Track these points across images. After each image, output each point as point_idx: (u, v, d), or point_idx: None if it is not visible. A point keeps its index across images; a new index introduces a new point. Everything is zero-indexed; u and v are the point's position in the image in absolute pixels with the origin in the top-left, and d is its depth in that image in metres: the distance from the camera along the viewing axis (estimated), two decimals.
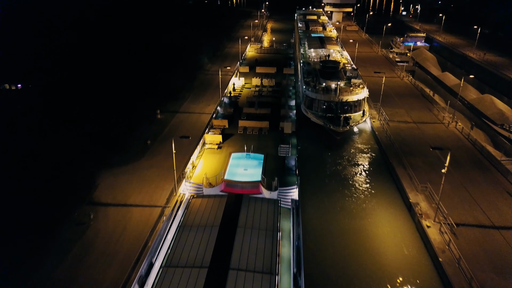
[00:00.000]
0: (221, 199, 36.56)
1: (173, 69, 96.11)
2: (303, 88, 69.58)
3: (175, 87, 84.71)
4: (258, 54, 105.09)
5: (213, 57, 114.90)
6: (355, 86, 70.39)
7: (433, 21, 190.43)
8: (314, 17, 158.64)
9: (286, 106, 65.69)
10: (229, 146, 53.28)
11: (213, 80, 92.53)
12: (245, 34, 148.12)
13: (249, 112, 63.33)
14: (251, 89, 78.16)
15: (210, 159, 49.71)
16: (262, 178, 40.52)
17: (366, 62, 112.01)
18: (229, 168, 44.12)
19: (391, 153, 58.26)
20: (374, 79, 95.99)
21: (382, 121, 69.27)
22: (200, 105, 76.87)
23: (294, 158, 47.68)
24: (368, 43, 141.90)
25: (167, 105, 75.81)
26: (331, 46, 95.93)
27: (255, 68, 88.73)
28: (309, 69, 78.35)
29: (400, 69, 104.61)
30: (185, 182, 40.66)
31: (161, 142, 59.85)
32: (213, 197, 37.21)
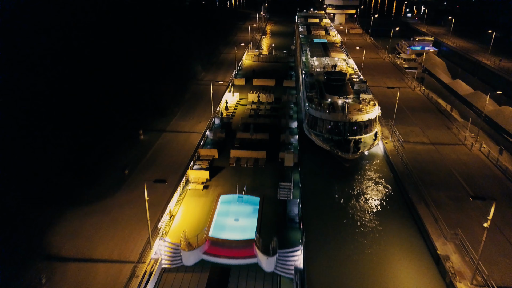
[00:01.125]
0: (201, 275, 28.35)
1: (162, 78, 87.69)
2: (306, 106, 61.25)
3: (163, 100, 76.31)
4: (255, 63, 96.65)
5: (207, 65, 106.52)
6: (365, 102, 62.04)
7: (440, 24, 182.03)
8: (316, 20, 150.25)
9: (287, 131, 57.14)
10: (218, 184, 44.51)
11: (207, 92, 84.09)
12: (242, 38, 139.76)
13: (243, 137, 54.75)
14: (247, 107, 69.75)
15: (193, 205, 40.77)
16: (257, 237, 32.16)
17: (372, 70, 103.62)
18: (216, 218, 35.72)
19: (409, 185, 49.88)
20: (382, 90, 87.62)
21: (395, 142, 60.89)
22: (190, 122, 68.53)
23: (297, 203, 39.07)
24: (374, 48, 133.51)
25: (153, 123, 67.47)
26: (335, 53, 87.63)
27: (251, 80, 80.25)
28: (311, 82, 70.00)
29: (410, 78, 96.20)
30: (159, 241, 32.36)
31: (141, 171, 51.48)
32: (192, 271, 28.92)
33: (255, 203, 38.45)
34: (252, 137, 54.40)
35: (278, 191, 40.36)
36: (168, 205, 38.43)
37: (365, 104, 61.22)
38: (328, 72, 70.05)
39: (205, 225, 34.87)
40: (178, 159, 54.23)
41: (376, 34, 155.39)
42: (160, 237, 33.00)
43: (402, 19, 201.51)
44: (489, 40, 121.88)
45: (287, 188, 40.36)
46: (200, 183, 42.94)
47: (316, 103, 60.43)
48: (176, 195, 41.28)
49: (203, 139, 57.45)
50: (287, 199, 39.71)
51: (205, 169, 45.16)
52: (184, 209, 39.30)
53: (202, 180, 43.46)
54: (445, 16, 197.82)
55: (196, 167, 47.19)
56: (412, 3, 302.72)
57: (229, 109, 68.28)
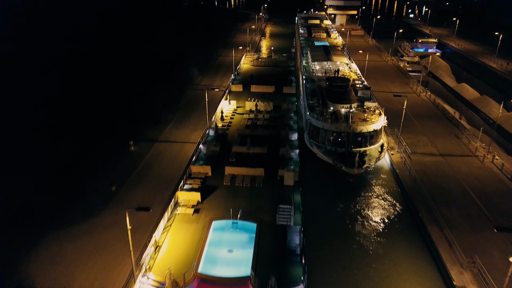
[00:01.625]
0: None
1: (157, 83, 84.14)
2: (307, 115, 57.57)
3: (157, 106, 72.70)
4: (254, 67, 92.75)
5: (205, 68, 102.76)
6: (370, 111, 58.35)
7: (443, 25, 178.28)
8: (316, 21, 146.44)
9: (287, 146, 53.29)
10: (210, 208, 40.37)
11: (203, 97, 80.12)
12: (241, 40, 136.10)
13: (239, 151, 50.98)
14: (244, 116, 65.84)
15: (182, 233, 36.68)
16: (252, 275, 28.47)
17: (375, 73, 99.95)
18: (207, 249, 31.97)
19: (419, 202, 46.20)
20: (386, 95, 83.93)
21: (402, 153, 57.21)
22: (184, 131, 64.82)
23: (298, 230, 35.19)
24: (376, 50, 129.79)
25: (145, 132, 63.76)
26: (337, 57, 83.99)
27: (249, 87, 76.42)
28: (313, 88, 66.32)
29: (415, 83, 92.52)
30: (141, 278, 28.69)
31: (130, 187, 47.75)
32: None
33: (251, 230, 34.72)
34: (249, 151, 50.60)
35: (277, 216, 36.53)
36: (153, 235, 34.53)
37: (370, 113, 57.55)
38: (330, 78, 66.38)
39: (194, 257, 31.08)
40: (170, 173, 50.55)
41: (378, 35, 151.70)
42: (143, 273, 29.34)
43: (404, 20, 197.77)
44: (495, 42, 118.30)
45: (287, 211, 36.65)
46: (190, 206, 39.01)
47: (318, 112, 56.76)
48: (163, 221, 37.48)
49: (196, 154, 53.51)
50: (287, 224, 35.94)
51: (196, 190, 41.33)
52: (172, 238, 35.50)
53: (192, 202, 39.57)
54: (447, 17, 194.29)
55: (187, 186, 43.29)
56: (413, 4, 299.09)
57: (224, 119, 64.49)
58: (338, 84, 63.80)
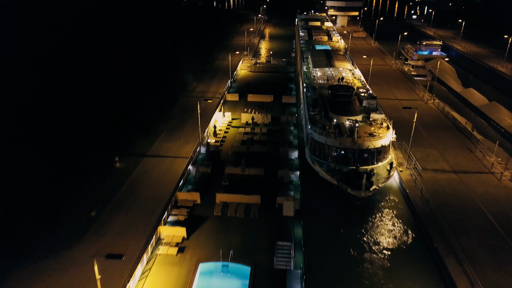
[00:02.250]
0: None
1: (149, 90, 79.35)
2: (308, 128, 52.80)
3: (148, 116, 67.89)
4: (251, 73, 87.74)
5: (200, 73, 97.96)
6: (377, 124, 53.59)
7: (447, 26, 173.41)
8: (317, 23, 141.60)
9: (286, 168, 48.06)
10: (197, 246, 35.09)
11: (197, 105, 75.83)
12: (239, 43, 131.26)
13: (233, 172, 46.02)
14: (239, 130, 60.76)
15: (164, 279, 31.36)
16: None
17: (379, 79, 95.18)
18: None
19: (433, 229, 41.48)
20: (392, 103, 79.22)
21: (412, 170, 52.43)
22: (176, 143, 60.09)
23: (299, 276, 30.24)
24: (379, 53, 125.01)
25: (134, 145, 59.03)
26: (340, 62, 79.25)
27: (246, 96, 71.52)
28: (314, 97, 61.54)
29: (422, 89, 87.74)
30: None
31: (111, 212, 42.97)
32: None
33: (244, 275, 29.93)
34: (243, 173, 45.62)
35: (275, 259, 31.52)
36: (127, 285, 29.63)
37: (376, 127, 52.79)
38: (332, 87, 61.62)
39: None
40: (155, 196, 45.76)
41: (380, 37, 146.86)
42: None
43: (407, 21, 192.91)
44: (502, 45, 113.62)
45: (287, 250, 31.80)
46: (174, 245, 33.93)
47: (320, 126, 51.99)
48: (142, 264, 32.25)
49: (184, 176, 47.89)
50: (286, 268, 31.12)
51: (182, 223, 36.40)
52: (151, 286, 30.36)
53: (177, 239, 34.54)
54: (451, 18, 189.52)
55: (171, 218, 38.29)
56: (415, 4, 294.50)
57: (218, 134, 59.46)
58: (342, 93, 59.08)
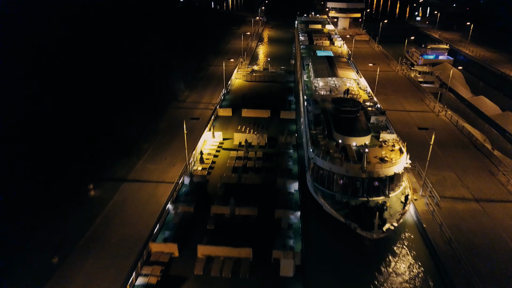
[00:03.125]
0: None
1: (133, 101, 72.63)
2: (309, 151, 46.22)
3: (131, 132, 61.24)
4: (247, 83, 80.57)
5: (193, 81, 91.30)
6: (388, 146, 47.04)
7: (453, 28, 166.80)
8: (318, 26, 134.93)
9: (285, 209, 40.72)
10: None
11: (191, 115, 69.20)
12: (236, 47, 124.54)
13: (221, 212, 39.07)
14: (231, 155, 53.33)
15: None
16: None
17: (385, 87, 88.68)
18: None
19: (457, 276, 34.97)
20: (400, 115, 72.73)
21: (428, 198, 45.88)
22: (161, 164, 53.58)
23: None
24: (384, 59, 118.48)
25: (113, 167, 52.46)
26: (343, 71, 72.62)
27: (240, 110, 64.56)
28: (316, 113, 54.93)
29: (432, 99, 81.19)
30: None
31: (77, 257, 36.41)
32: None
33: None
34: (233, 213, 38.56)
35: None
36: None
37: (387, 149, 46.23)
38: (336, 100, 55.04)
39: None
40: (134, 231, 39.39)
41: (383, 40, 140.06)
42: None
43: (410, 23, 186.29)
44: None
45: None
46: None
47: (323, 148, 45.41)
48: None
49: (161, 220, 39.87)
50: None
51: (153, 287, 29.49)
52: None
53: None
54: (457, 19, 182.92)
55: (140, 281, 31.13)
56: (417, 5, 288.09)
57: (206, 160, 51.86)
58: (347, 108, 52.51)
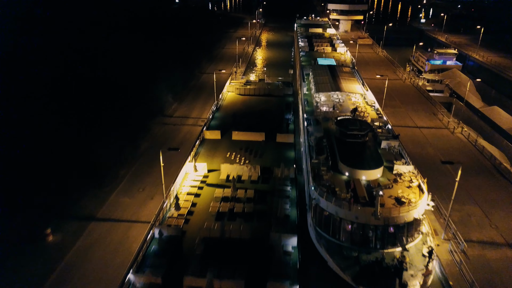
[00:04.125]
0: None
1: (114, 118, 65.07)
2: (311, 189, 38.64)
3: (105, 157, 53.58)
4: (240, 97, 71.81)
5: (183, 91, 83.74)
6: (404, 181, 39.47)
7: (460, 31, 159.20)
8: (318, 30, 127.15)
9: (279, 270, 31.57)
10: None
11: (174, 137, 61.66)
12: (230, 52, 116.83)
13: (196, 286, 29.44)
14: (215, 194, 42.34)
15: None
16: None
17: (392, 98, 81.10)
18: None
19: None
20: (411, 131, 65.23)
21: (452, 244, 38.27)
22: (137, 197, 46.07)
23: None
24: (389, 65, 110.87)
25: (80, 201, 44.87)
26: (348, 83, 64.95)
27: (230, 133, 55.34)
28: (318, 136, 47.21)
29: (445, 113, 73.56)
30: None
31: None
32: None
33: None
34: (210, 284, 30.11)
35: None
36: None
37: (404, 186, 38.68)
38: (341, 122, 47.46)
39: None
40: None
41: (387, 43, 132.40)
42: None
43: (415, 25, 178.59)
44: None
45: None
46: None
47: (327, 186, 37.83)
48: None
49: None
50: None
51: None
52: None
53: None
54: (463, 22, 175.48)
55: None
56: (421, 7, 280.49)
57: (184, 204, 40.49)
58: (354, 132, 44.96)
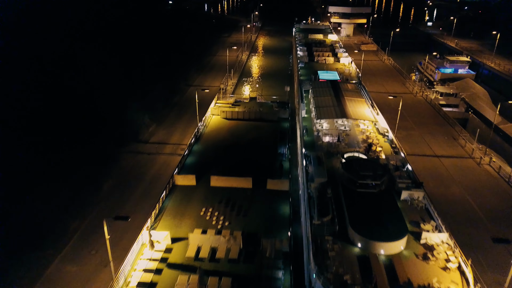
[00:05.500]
0: None
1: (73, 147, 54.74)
2: (312, 274, 28.40)
3: (52, 206, 43.15)
4: (226, 123, 54.60)
5: (163, 109, 73.40)
6: (437, 259, 29.22)
7: (469, 35, 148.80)
8: (319, 36, 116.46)
9: None
10: None
11: (146, 169, 51.52)
12: (222, 60, 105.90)
13: None
14: (176, 285, 26.76)
15: None
16: None
17: (404, 118, 70.52)
18: None
19: None
20: (429, 161, 55.01)
21: None
22: (87, 264, 35.83)
23: None
24: (396, 75, 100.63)
25: (16, 271, 34.70)
26: (355, 105, 54.49)
27: (208, 178, 39.39)
28: (320, 181, 36.86)
29: (467, 137, 63.29)
30: None
31: None
32: None
33: None
34: None
35: None
36: None
37: (437, 266, 28.44)
38: (350, 165, 37.22)
39: None
40: None
41: (391, 48, 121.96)
42: None
43: (421, 28, 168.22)
44: None
45: None
46: None
47: (334, 269, 27.63)
48: None
49: None
50: None
51: None
52: None
53: None
54: (472, 24, 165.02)
55: None
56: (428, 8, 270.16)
57: None
58: (367, 182, 34.76)
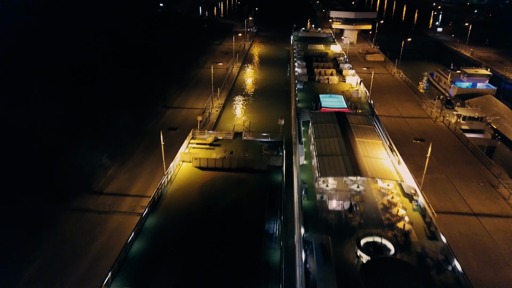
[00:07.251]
0: None
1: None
2: None
3: None
4: (199, 175, 39.06)
5: (131, 142, 59.96)
6: None
7: (484, 42, 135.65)
8: (320, 46, 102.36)
9: None
10: None
11: (99, 230, 38.14)
12: (208, 75, 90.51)
13: None
14: None
15: None
16: None
17: (423, 152, 57.21)
18: None
19: None
20: (465, 222, 41.82)
21: None
22: None
23: None
24: (409, 93, 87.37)
25: None
26: (368, 149, 41.22)
27: None
28: None
29: (509, 185, 49.95)
30: None
31: None
32: None
33: None
34: None
35: None
36: None
37: None
38: (371, 271, 23.86)
39: None
40: None
41: (394, 55, 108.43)
42: None
43: (430, 34, 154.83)
44: None
45: None
46: None
47: None
48: None
49: None
50: None
51: None
52: None
53: None
54: (485, 31, 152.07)
55: None
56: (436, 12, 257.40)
57: None
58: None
